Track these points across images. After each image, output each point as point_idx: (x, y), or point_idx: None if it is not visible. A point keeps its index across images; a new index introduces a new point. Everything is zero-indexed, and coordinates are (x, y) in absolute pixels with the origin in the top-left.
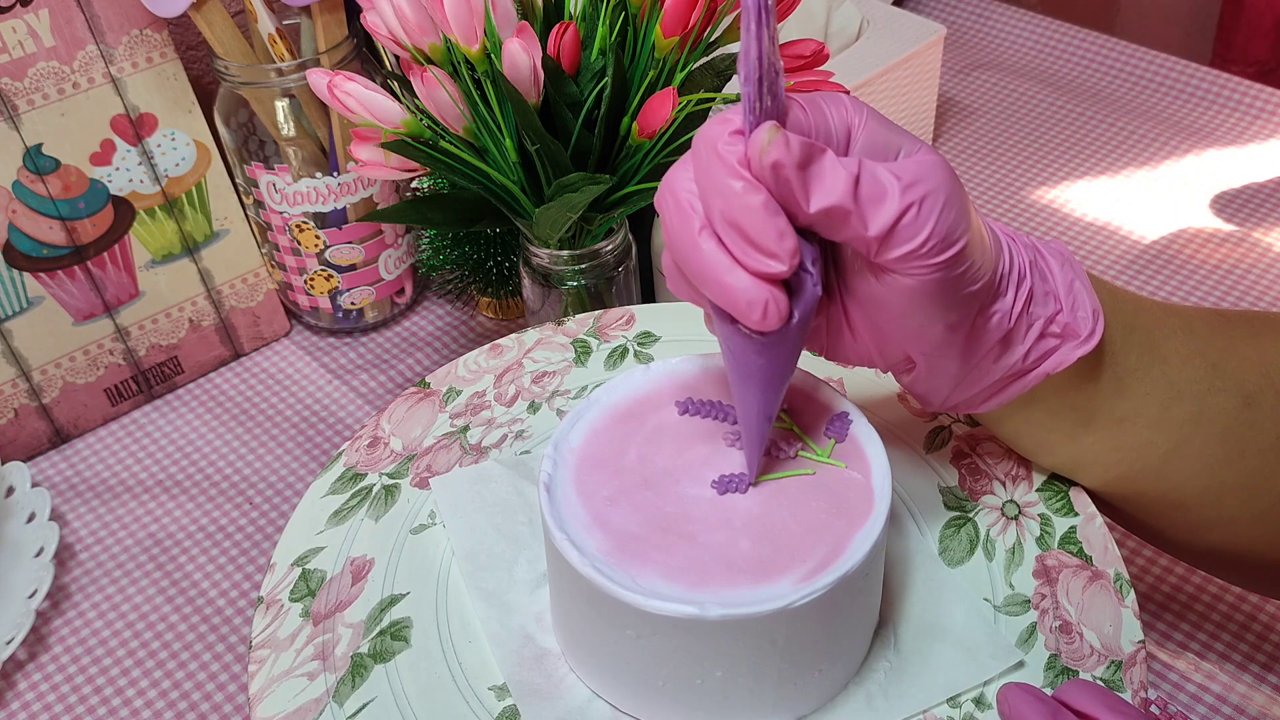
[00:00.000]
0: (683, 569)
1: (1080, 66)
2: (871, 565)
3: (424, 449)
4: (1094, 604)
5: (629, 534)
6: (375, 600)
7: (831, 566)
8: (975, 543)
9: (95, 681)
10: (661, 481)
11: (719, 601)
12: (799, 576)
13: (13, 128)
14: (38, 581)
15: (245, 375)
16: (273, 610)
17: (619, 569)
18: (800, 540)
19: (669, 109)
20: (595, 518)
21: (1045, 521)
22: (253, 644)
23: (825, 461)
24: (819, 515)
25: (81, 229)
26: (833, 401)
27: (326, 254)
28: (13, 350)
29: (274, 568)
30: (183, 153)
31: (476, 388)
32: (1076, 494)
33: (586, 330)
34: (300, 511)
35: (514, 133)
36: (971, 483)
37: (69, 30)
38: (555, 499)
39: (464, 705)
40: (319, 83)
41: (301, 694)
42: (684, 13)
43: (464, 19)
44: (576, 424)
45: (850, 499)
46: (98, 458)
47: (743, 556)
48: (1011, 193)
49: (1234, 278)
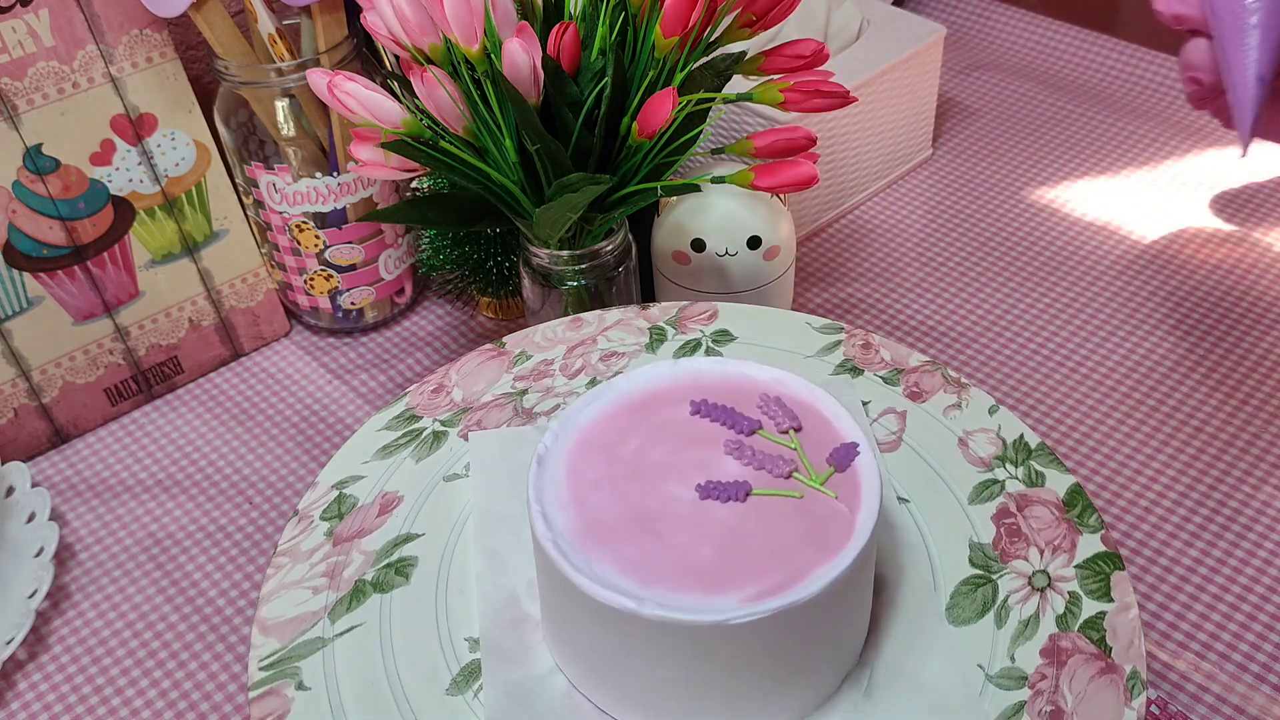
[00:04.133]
0: (639, 563)
1: (1081, 67)
2: (833, 600)
3: (480, 404)
4: (1097, 698)
5: (601, 520)
6: (392, 535)
7: (784, 593)
8: (989, 606)
9: (95, 681)
10: (650, 476)
11: (661, 602)
12: (748, 595)
13: (12, 128)
14: (38, 581)
15: (245, 375)
16: (303, 524)
17: (580, 551)
18: (763, 559)
19: (669, 109)
20: (575, 497)
21: (1074, 600)
22: (277, 550)
23: (816, 488)
24: (791, 539)
25: (81, 229)
26: (846, 429)
27: (326, 254)
28: (12, 350)
29: (317, 485)
30: (182, 153)
31: (547, 355)
32: (1119, 580)
33: (668, 318)
34: (355, 439)
35: (514, 133)
36: (1007, 543)
37: (69, 30)
38: (544, 472)
39: (437, 649)
40: (319, 83)
41: (303, 604)
42: (684, 13)
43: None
44: (589, 405)
45: (828, 530)
46: (97, 457)
47: (701, 563)
48: (1011, 193)
49: (1234, 278)
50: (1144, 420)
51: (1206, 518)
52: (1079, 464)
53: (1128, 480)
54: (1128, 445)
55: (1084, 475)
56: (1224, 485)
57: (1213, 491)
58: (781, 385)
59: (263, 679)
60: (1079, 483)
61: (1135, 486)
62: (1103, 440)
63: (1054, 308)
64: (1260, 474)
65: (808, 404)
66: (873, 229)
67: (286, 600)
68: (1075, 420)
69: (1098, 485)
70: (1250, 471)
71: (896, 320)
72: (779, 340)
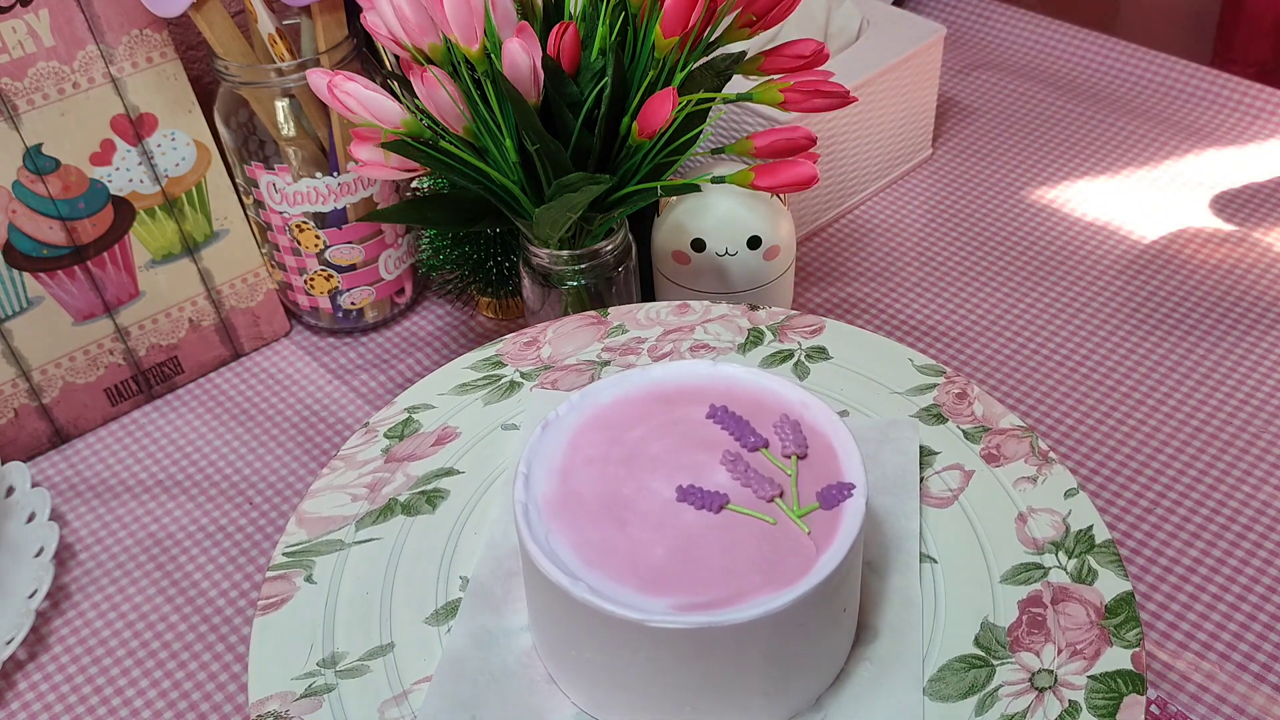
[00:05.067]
0: (592, 546)
1: (1080, 66)
2: (768, 631)
3: (563, 365)
4: None
5: (576, 496)
6: (437, 466)
7: (712, 611)
8: (975, 689)
9: (95, 681)
10: (639, 466)
11: (595, 587)
12: (679, 604)
13: (13, 127)
14: (38, 581)
15: (245, 375)
16: (368, 436)
17: (542, 520)
18: (709, 574)
19: (669, 109)
20: (563, 469)
21: (1072, 710)
22: (339, 453)
23: (792, 518)
24: (745, 561)
25: (81, 229)
26: (849, 469)
27: (326, 254)
28: (13, 350)
29: (394, 404)
30: (183, 153)
31: (641, 334)
32: (1133, 705)
33: (772, 323)
34: (442, 372)
35: (514, 133)
36: (1023, 632)
37: (69, 30)
38: (546, 438)
39: (432, 579)
40: (319, 83)
41: (339, 508)
42: (684, 13)
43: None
44: (616, 386)
45: (787, 563)
46: (97, 458)
47: (649, 561)
48: (1011, 193)
49: (1234, 278)
50: (1144, 420)
51: (1206, 518)
52: (1079, 464)
53: (1128, 480)
54: (1128, 445)
55: (1084, 475)
56: (1224, 485)
57: (1213, 492)
58: (805, 409)
59: (281, 564)
60: (1132, 592)
61: (1135, 486)
62: (1103, 440)
63: (1053, 307)
64: (1260, 474)
65: (823, 434)
66: (873, 229)
67: (327, 500)
68: (1075, 420)
69: (1098, 485)
70: (1250, 471)
71: (896, 320)
72: (873, 370)
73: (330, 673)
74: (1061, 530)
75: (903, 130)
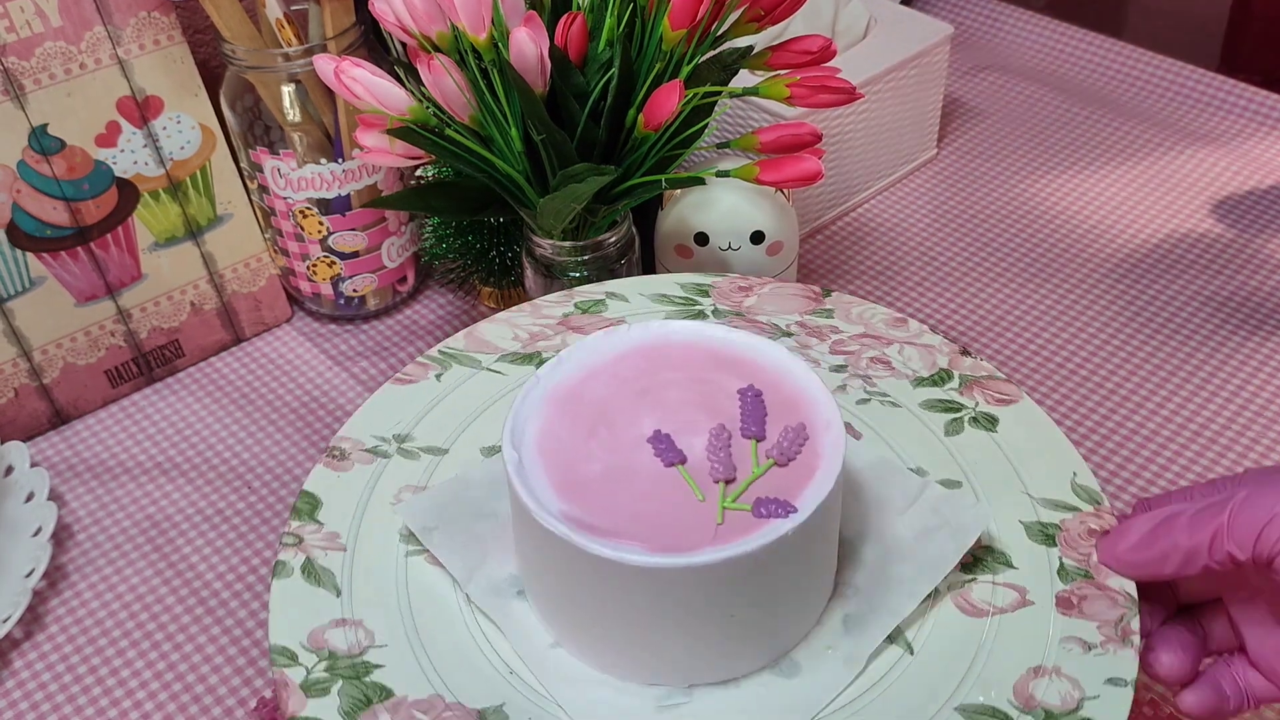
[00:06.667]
0: (564, 470)
1: (1087, 70)
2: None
3: (754, 319)
4: None
5: (579, 397)
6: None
7: (587, 533)
8: None
9: (91, 662)
10: (647, 400)
11: (553, 508)
12: (571, 515)
13: (19, 107)
14: (35, 561)
15: (246, 360)
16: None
17: (518, 448)
18: (614, 505)
19: (675, 101)
20: (567, 394)
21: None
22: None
23: (719, 505)
24: (650, 515)
25: (85, 210)
26: (808, 495)
27: (329, 240)
28: (14, 330)
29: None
30: (188, 136)
31: (840, 325)
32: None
33: (968, 373)
34: (658, 277)
35: (520, 122)
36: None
37: (77, 11)
38: (607, 338)
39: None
40: (326, 68)
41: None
42: (692, 6)
43: (472, 7)
44: (693, 331)
45: (679, 538)
46: (97, 439)
47: (583, 472)
48: (1015, 194)
49: (1236, 282)
50: (1144, 422)
51: None
52: None
53: (1127, 480)
54: (1128, 445)
55: None
56: None
57: None
58: (828, 430)
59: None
60: None
61: (1134, 488)
62: (1103, 440)
63: (1055, 309)
64: None
65: (823, 457)
66: (876, 227)
67: (495, 330)
68: (1076, 420)
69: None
70: None
71: None
72: (1024, 463)
73: (395, 445)
74: (1070, 704)
75: (908, 129)
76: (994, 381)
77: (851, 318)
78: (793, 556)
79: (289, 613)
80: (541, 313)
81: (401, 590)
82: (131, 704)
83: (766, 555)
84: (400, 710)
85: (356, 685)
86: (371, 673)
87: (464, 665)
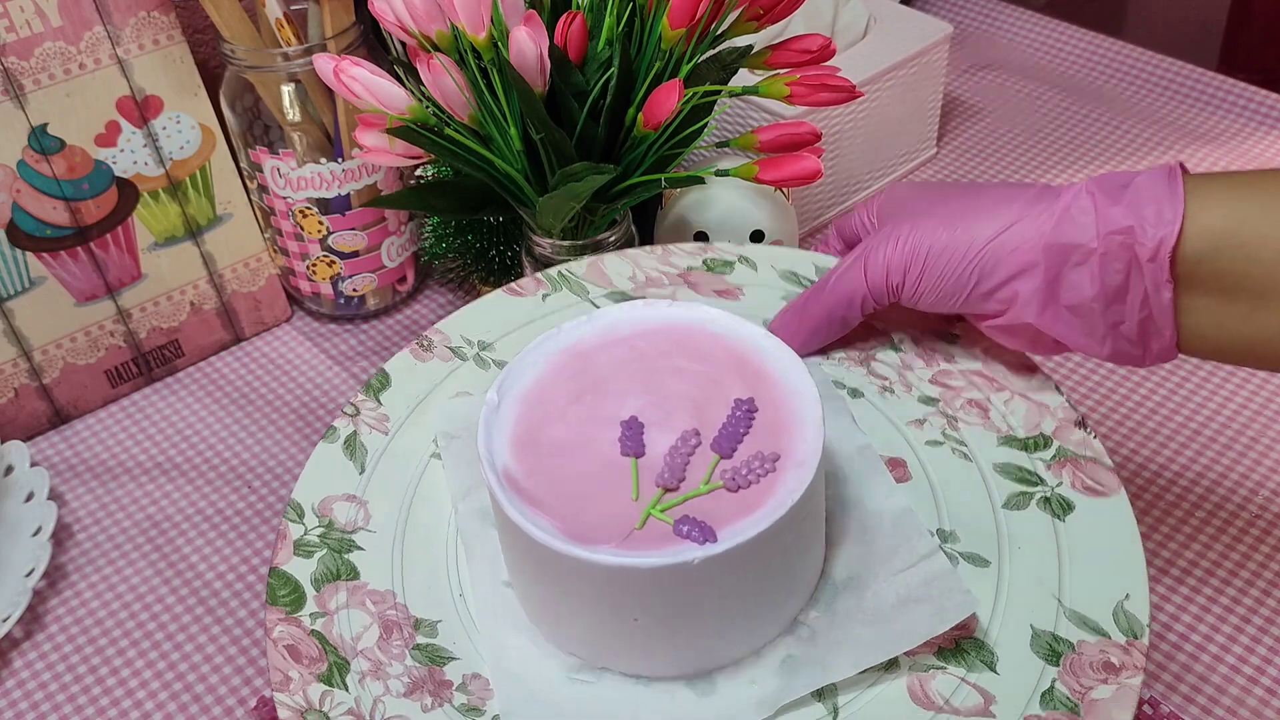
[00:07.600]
0: (530, 426)
1: (1086, 68)
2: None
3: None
4: None
5: (562, 377)
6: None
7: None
8: None
9: (90, 661)
10: (644, 381)
11: (499, 461)
12: (511, 476)
13: (18, 107)
14: (35, 560)
15: (245, 360)
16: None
17: (502, 392)
18: (557, 476)
19: (674, 101)
20: (579, 353)
21: None
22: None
23: (646, 510)
24: (584, 499)
25: (85, 210)
26: (739, 529)
27: (329, 240)
28: (14, 330)
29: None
30: (187, 136)
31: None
32: None
33: (1068, 448)
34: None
35: (519, 121)
36: None
37: (76, 11)
38: (599, 318)
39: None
40: (325, 68)
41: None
42: (691, 5)
43: (471, 7)
44: (734, 324)
45: (597, 529)
46: (97, 439)
47: (547, 436)
48: None
49: None
50: (1145, 420)
51: (1204, 519)
52: None
53: (1127, 480)
54: (1128, 445)
55: None
56: (1223, 486)
57: (1211, 493)
58: (801, 468)
59: (443, 341)
60: None
61: (1133, 488)
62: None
63: None
64: (1260, 474)
65: (777, 498)
66: None
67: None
68: None
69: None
70: (1250, 472)
71: None
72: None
73: (475, 350)
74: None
75: (908, 128)
76: (1094, 466)
77: (975, 353)
78: (707, 582)
79: (319, 475)
80: (669, 259)
81: (411, 487)
82: (131, 704)
83: (669, 575)
84: (357, 594)
85: (334, 558)
86: (351, 551)
87: (427, 574)
